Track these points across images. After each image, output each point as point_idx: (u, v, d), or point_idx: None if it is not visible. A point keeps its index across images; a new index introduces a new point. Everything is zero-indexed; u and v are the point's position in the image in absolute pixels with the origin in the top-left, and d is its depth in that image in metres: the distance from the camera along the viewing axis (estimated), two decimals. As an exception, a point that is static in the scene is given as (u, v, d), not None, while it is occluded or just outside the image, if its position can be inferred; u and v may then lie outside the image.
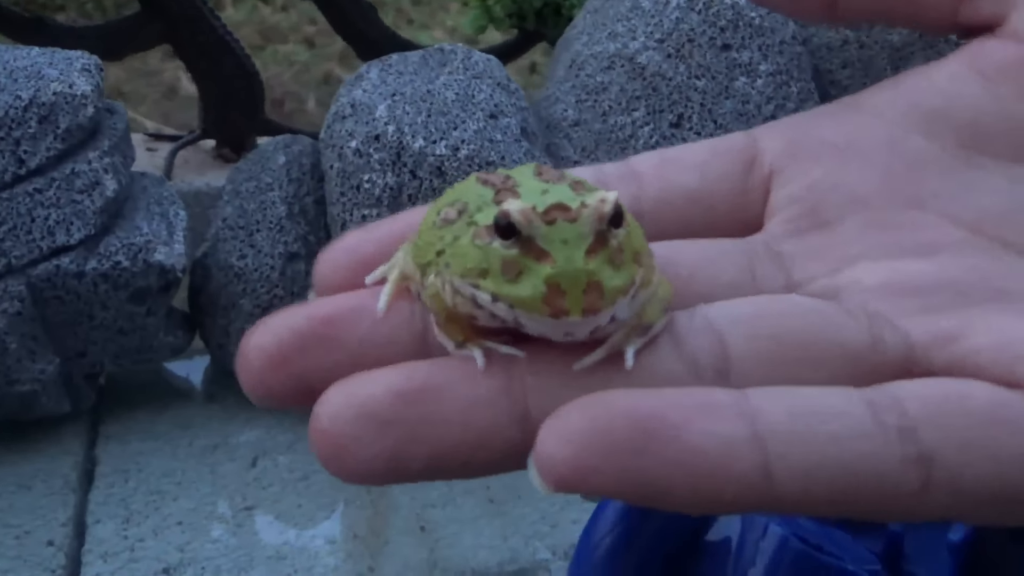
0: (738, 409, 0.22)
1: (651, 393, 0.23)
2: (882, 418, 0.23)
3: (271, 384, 0.25)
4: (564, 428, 0.22)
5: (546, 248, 0.24)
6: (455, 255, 0.25)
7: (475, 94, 1.26)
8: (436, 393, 0.24)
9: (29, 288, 1.20)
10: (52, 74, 1.24)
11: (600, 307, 0.23)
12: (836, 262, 0.28)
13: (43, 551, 1.15)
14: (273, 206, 1.31)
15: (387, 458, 0.23)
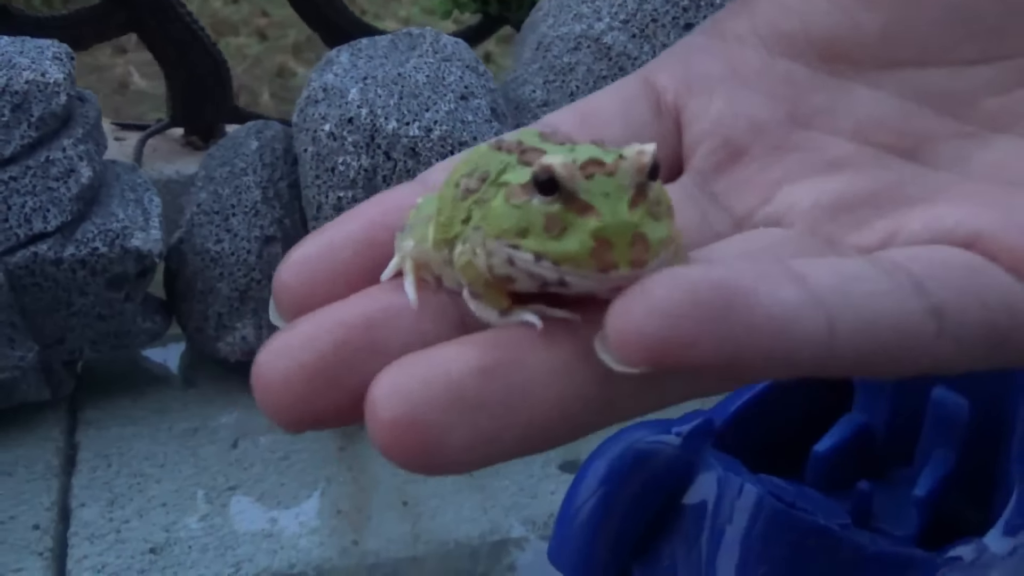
0: (790, 275, 0.23)
1: (714, 267, 0.23)
2: (896, 277, 0.24)
3: (316, 408, 0.23)
4: (647, 302, 0.21)
5: (589, 201, 0.23)
6: (488, 218, 0.24)
7: (445, 76, 1.28)
8: (518, 364, 0.22)
9: (7, 275, 1.21)
10: (24, 63, 1.24)
11: (647, 259, 0.23)
12: (765, 190, 0.29)
13: (29, 535, 1.16)
14: (248, 190, 1.32)
15: (482, 443, 0.21)
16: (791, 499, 0.90)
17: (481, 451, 0.21)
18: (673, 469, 0.94)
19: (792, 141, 0.30)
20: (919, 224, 0.26)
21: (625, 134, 0.30)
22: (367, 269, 0.25)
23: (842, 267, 0.24)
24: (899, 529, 0.99)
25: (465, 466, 0.22)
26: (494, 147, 0.26)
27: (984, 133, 0.29)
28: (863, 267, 0.24)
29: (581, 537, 0.94)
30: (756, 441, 1.01)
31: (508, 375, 0.22)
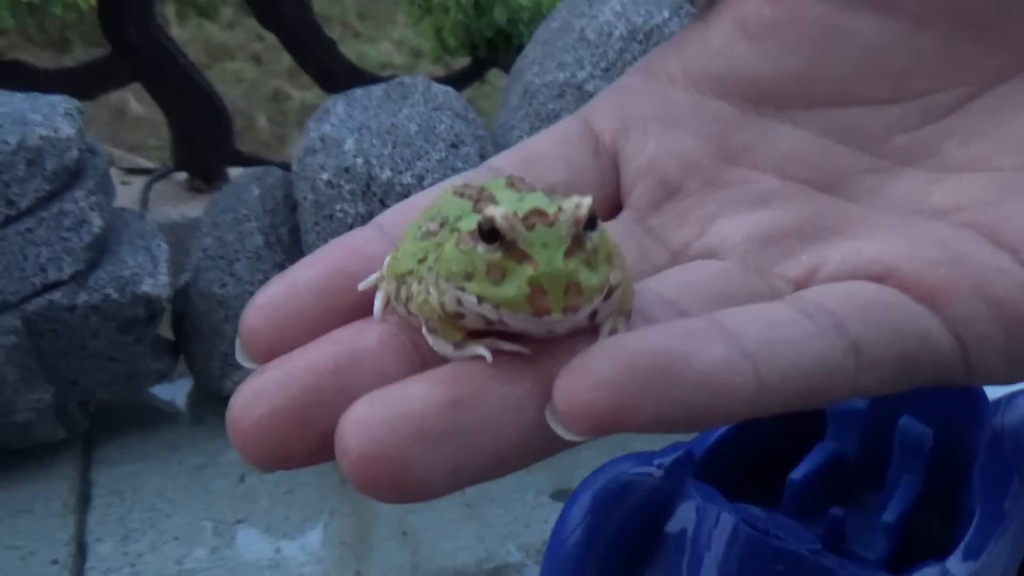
0: (719, 332, 0.24)
1: (647, 332, 0.24)
2: (817, 319, 0.25)
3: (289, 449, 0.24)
4: (590, 377, 0.22)
5: (527, 251, 0.24)
6: (441, 260, 0.25)
7: (436, 125, 1.35)
8: (478, 397, 0.23)
9: (24, 322, 1.27)
10: (36, 119, 1.31)
11: (579, 305, 0.24)
12: (699, 224, 0.30)
13: (48, 570, 1.21)
14: (251, 236, 1.38)
15: (449, 471, 0.23)
16: (765, 526, 0.96)
17: (447, 480, 0.23)
18: (655, 499, 0.99)
19: (722, 177, 0.31)
20: (839, 256, 0.28)
21: (568, 176, 0.31)
22: (329, 312, 0.26)
23: (768, 315, 0.25)
24: (871, 552, 1.05)
25: (431, 495, 0.23)
26: (457, 192, 0.27)
27: (894, 167, 0.31)
28: (787, 312, 0.25)
29: (569, 564, 1.00)
30: (734, 469, 1.06)
31: (470, 410, 0.23)
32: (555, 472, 1.36)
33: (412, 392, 0.23)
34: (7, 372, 1.26)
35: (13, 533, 1.27)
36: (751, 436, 1.10)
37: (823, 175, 0.31)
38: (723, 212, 0.30)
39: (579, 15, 1.49)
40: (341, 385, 0.24)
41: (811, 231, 0.29)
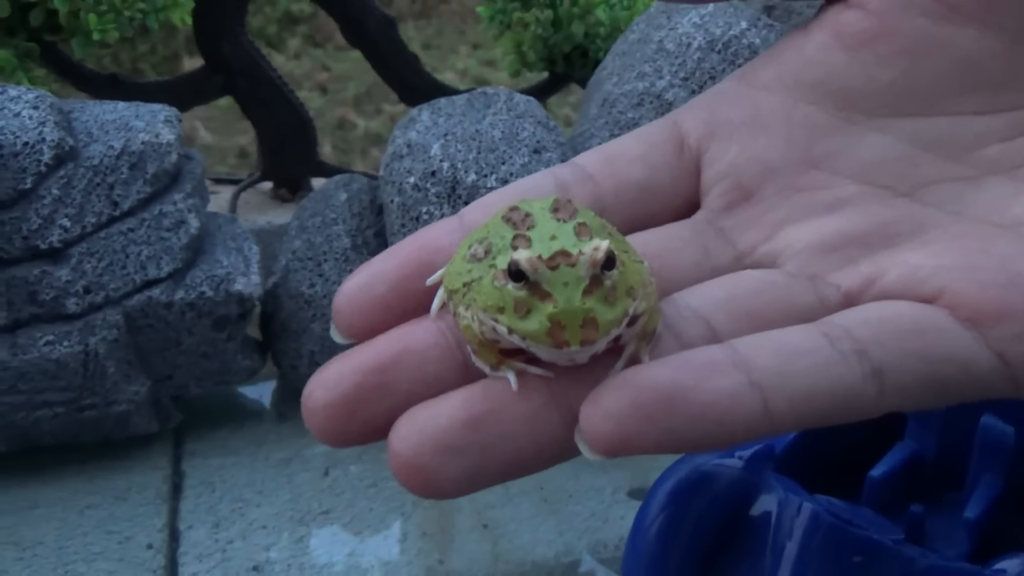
0: (733, 361, 0.26)
1: (661, 364, 0.26)
2: (839, 346, 0.26)
3: (344, 432, 0.28)
4: (602, 408, 0.25)
5: (549, 290, 0.27)
6: (480, 292, 0.28)
7: (519, 132, 1.38)
8: (496, 415, 0.27)
9: (125, 317, 1.32)
10: (139, 125, 1.37)
11: (595, 338, 0.27)
12: (768, 229, 0.31)
13: (143, 554, 1.26)
14: (338, 239, 1.43)
15: (466, 478, 0.26)
16: (847, 517, 0.97)
17: (466, 484, 0.26)
18: (735, 490, 1.01)
19: (800, 183, 0.32)
20: (896, 272, 0.29)
21: (644, 174, 0.33)
22: (402, 300, 0.29)
23: (788, 342, 0.27)
24: (950, 549, 1.05)
25: (455, 494, 0.26)
26: (504, 218, 0.30)
27: (980, 177, 0.31)
28: (808, 338, 0.27)
29: (652, 552, 1.01)
30: (814, 466, 1.08)
31: (486, 427, 0.26)
32: (632, 471, 1.38)
33: (442, 410, 0.27)
34: (108, 365, 1.32)
35: (111, 519, 1.32)
36: (831, 433, 1.11)
37: (906, 182, 0.31)
38: (794, 217, 0.31)
39: (658, 27, 1.52)
40: (383, 384, 0.27)
41: (878, 238, 0.30)
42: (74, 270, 1.30)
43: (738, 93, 0.34)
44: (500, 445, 0.27)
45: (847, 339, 0.27)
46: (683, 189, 0.33)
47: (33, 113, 1.32)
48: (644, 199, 0.33)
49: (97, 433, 1.38)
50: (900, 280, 0.28)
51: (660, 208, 0.33)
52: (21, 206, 1.29)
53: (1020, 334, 0.27)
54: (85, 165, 1.31)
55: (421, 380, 0.28)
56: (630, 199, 0.33)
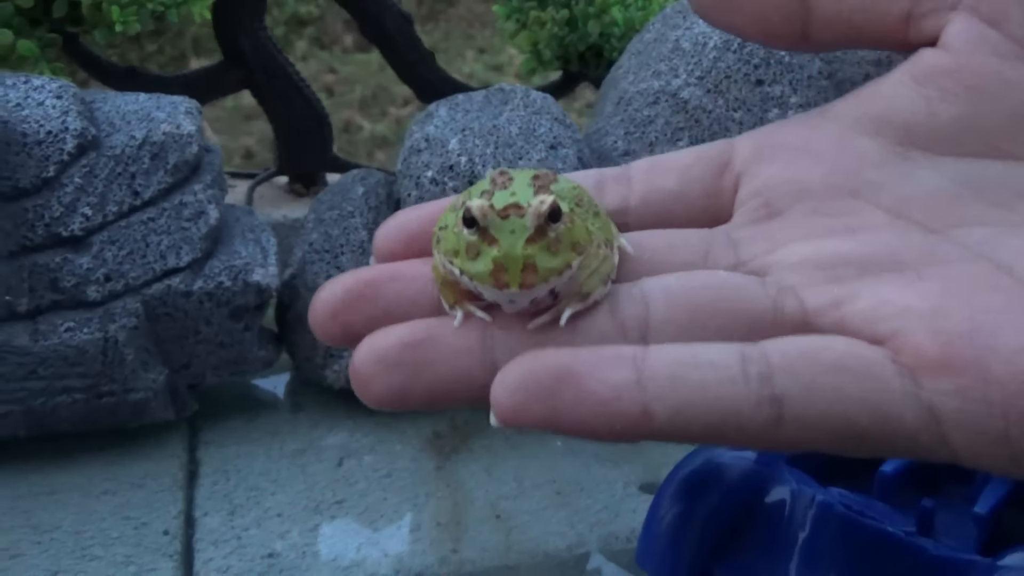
0: (634, 360, 0.27)
1: (573, 351, 0.28)
2: (747, 367, 0.27)
3: (328, 330, 0.31)
4: (506, 379, 0.27)
5: (496, 236, 0.29)
6: (445, 237, 0.31)
7: (536, 128, 1.40)
8: (430, 343, 0.29)
9: (144, 306, 1.34)
10: (161, 116, 1.39)
11: (534, 282, 0.29)
12: (775, 243, 0.31)
13: (160, 539, 1.28)
14: (355, 231, 1.45)
15: (395, 390, 0.29)
16: (859, 508, 0.98)
17: (394, 398, 0.29)
18: (748, 482, 1.02)
19: (829, 207, 0.32)
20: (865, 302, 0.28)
21: (677, 185, 0.34)
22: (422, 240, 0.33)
23: (695, 353, 0.27)
24: (960, 543, 1.07)
25: (387, 405, 0.29)
26: (491, 177, 0.33)
27: (1021, 225, 0.30)
28: (721, 355, 0.27)
29: (665, 541, 1.03)
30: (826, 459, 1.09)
31: (421, 350, 0.29)
32: (643, 466, 1.39)
33: (394, 331, 0.30)
34: (127, 352, 1.33)
35: (127, 505, 1.33)
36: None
37: (941, 220, 0.31)
38: (806, 236, 0.31)
39: (674, 27, 1.54)
40: (365, 295, 0.31)
41: (876, 266, 0.29)
42: (95, 258, 1.32)
43: (802, 121, 0.34)
44: (426, 369, 0.29)
45: (760, 362, 0.27)
46: (715, 205, 0.34)
47: (56, 103, 1.33)
48: (671, 207, 0.34)
49: (114, 420, 1.39)
50: (861, 312, 0.28)
51: (685, 219, 0.34)
52: (44, 194, 1.30)
53: (959, 390, 0.26)
54: (107, 155, 1.33)
55: (397, 301, 0.31)
56: (657, 205, 0.34)
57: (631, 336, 0.29)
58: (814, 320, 0.28)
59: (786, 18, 0.33)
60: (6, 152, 1.28)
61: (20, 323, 1.30)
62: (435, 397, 0.29)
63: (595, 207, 0.33)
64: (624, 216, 0.34)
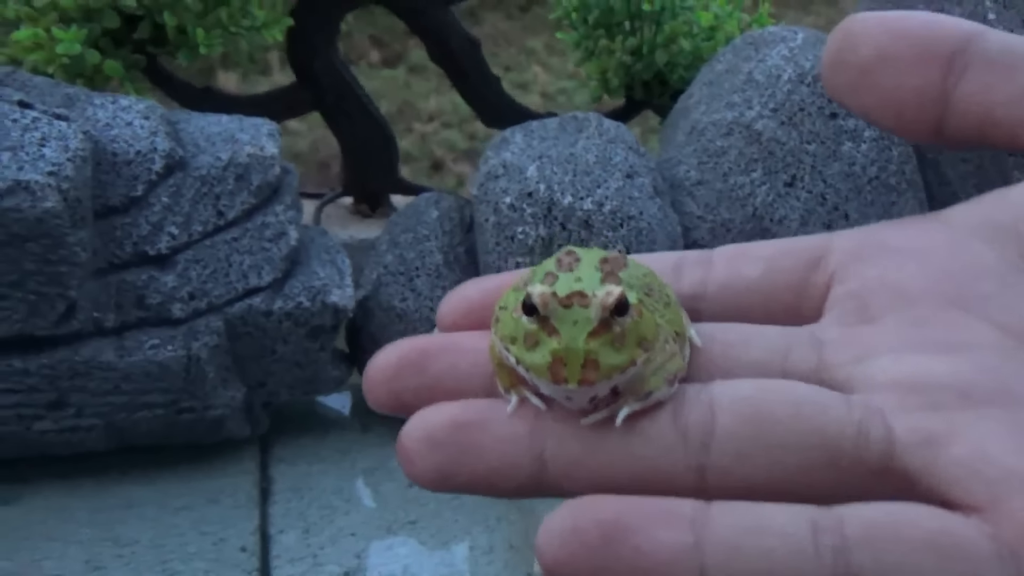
0: (692, 519, 0.25)
1: (628, 501, 0.25)
2: (820, 539, 0.24)
3: (378, 397, 0.30)
4: (553, 526, 0.25)
5: (558, 327, 0.27)
6: (503, 320, 0.29)
7: (612, 156, 1.42)
8: (480, 426, 0.28)
9: (226, 324, 1.36)
10: (244, 138, 1.41)
11: (593, 380, 0.27)
12: (866, 351, 0.28)
13: (238, 556, 1.30)
14: (431, 254, 1.47)
15: (440, 472, 0.28)
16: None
17: (437, 479, 0.28)
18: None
19: (933, 318, 0.29)
20: (961, 452, 0.25)
21: (762, 275, 0.32)
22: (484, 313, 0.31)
23: (761, 516, 0.25)
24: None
25: (429, 485, 0.28)
26: (557, 258, 0.31)
27: None
28: (790, 520, 0.25)
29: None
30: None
31: (470, 432, 0.28)
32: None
33: (445, 408, 0.28)
34: (208, 370, 1.36)
35: (204, 520, 1.35)
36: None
37: None
38: (903, 349, 0.28)
39: (746, 59, 1.55)
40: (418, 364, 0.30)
41: (979, 394, 0.26)
42: (180, 276, 1.34)
43: (912, 223, 0.32)
44: (473, 454, 0.28)
45: (835, 533, 0.24)
46: (800, 303, 0.32)
47: (144, 123, 1.36)
48: (751, 299, 0.32)
49: (190, 436, 1.42)
50: (957, 463, 0.25)
51: (765, 314, 0.32)
52: (132, 212, 1.33)
53: None
54: (193, 175, 1.36)
55: (449, 373, 0.30)
56: (737, 295, 0.32)
57: (692, 446, 0.27)
58: (901, 458, 0.26)
59: (922, 105, 0.30)
60: (97, 171, 1.31)
61: (107, 339, 1.32)
62: (479, 484, 0.28)
63: (667, 296, 0.31)
64: (699, 303, 0.32)
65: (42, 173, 1.21)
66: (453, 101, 3.02)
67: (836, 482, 0.26)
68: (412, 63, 3.24)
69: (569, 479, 0.28)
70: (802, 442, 0.26)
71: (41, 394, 1.31)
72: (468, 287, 0.32)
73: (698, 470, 0.27)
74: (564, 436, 0.28)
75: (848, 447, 0.26)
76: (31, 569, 1.26)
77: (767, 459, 0.26)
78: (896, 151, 1.48)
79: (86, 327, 1.30)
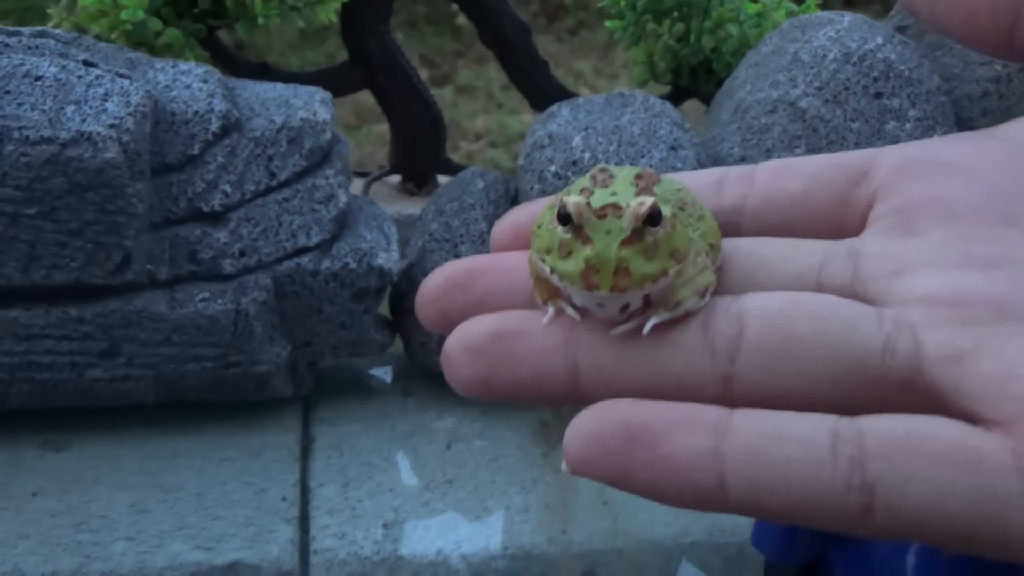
0: (715, 426, 0.25)
1: (653, 405, 0.26)
2: (839, 448, 0.24)
3: (428, 316, 0.31)
4: (578, 427, 0.27)
5: (591, 236, 0.28)
6: (540, 234, 0.30)
7: (657, 130, 1.44)
8: (517, 336, 0.29)
9: (274, 282, 1.40)
10: (298, 103, 1.45)
11: (625, 287, 0.27)
12: (903, 264, 0.28)
13: (279, 505, 1.33)
14: (475, 222, 1.50)
15: (480, 379, 0.29)
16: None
17: (477, 386, 0.29)
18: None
19: (978, 234, 0.28)
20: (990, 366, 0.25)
21: (803, 189, 0.32)
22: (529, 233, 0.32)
23: (782, 425, 0.25)
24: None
25: (471, 392, 0.29)
26: (592, 174, 0.32)
27: None
28: (810, 429, 0.25)
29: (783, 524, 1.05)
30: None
31: (507, 342, 0.29)
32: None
33: (485, 320, 0.30)
34: (256, 325, 1.39)
35: (246, 472, 1.39)
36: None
37: None
38: (940, 263, 0.28)
39: (792, 40, 1.57)
40: (463, 283, 0.31)
41: (1018, 310, 0.26)
42: (232, 233, 1.38)
43: (965, 138, 0.31)
44: (509, 363, 0.29)
45: (854, 443, 0.25)
46: (842, 217, 0.31)
47: (203, 86, 1.41)
48: (792, 214, 0.32)
49: (236, 392, 1.45)
50: (985, 379, 0.25)
51: (805, 228, 0.31)
52: (188, 170, 1.37)
53: None
54: (248, 136, 1.40)
55: (494, 291, 0.31)
56: (777, 209, 0.32)
57: (719, 357, 0.27)
58: (928, 373, 0.26)
59: (996, 10, 0.30)
60: (155, 129, 1.35)
61: (159, 291, 1.36)
62: (516, 391, 0.29)
63: (701, 211, 0.31)
64: (740, 216, 0.32)
65: (104, 125, 1.26)
66: (500, 121, 3.05)
67: (862, 395, 0.26)
68: (460, 83, 3.29)
69: (602, 387, 0.28)
70: (828, 355, 0.26)
71: (94, 342, 1.36)
72: (517, 211, 0.34)
73: (724, 380, 0.27)
74: (597, 345, 0.28)
75: (874, 361, 0.26)
76: (79, 510, 1.30)
77: (793, 371, 0.26)
78: (940, 131, 1.48)
79: (140, 278, 1.34)
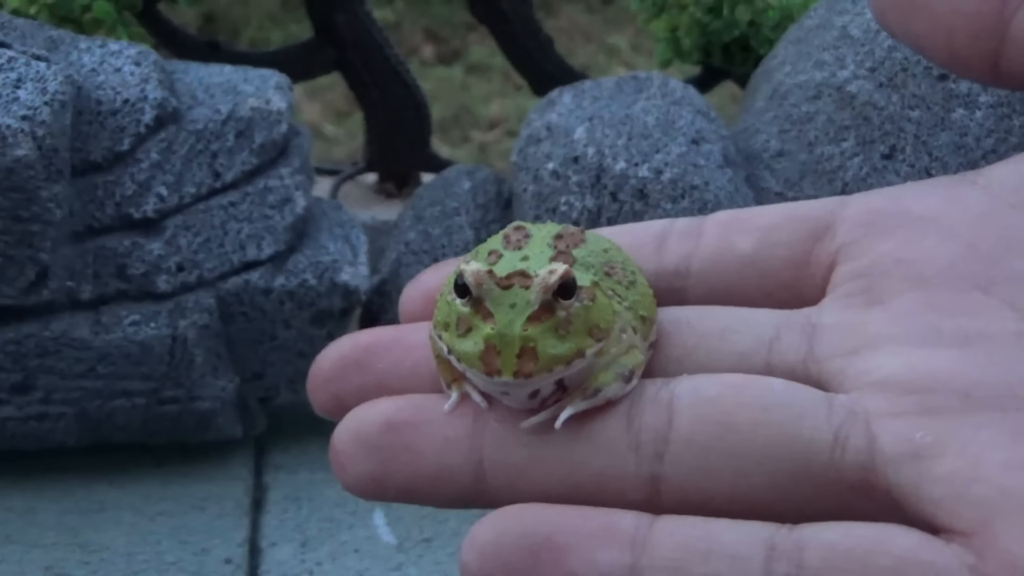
0: (632, 539, 0.26)
1: (560, 511, 0.27)
2: (774, 565, 0.25)
3: (319, 399, 0.32)
4: (477, 537, 0.27)
5: (493, 310, 0.28)
6: (439, 304, 0.30)
7: (676, 120, 1.43)
8: (415, 426, 0.29)
9: (218, 302, 1.40)
10: (248, 90, 1.46)
11: (531, 371, 0.27)
12: (863, 341, 0.29)
13: (222, 568, 1.32)
14: (460, 230, 1.49)
15: (370, 479, 0.29)
16: None
17: (369, 486, 0.29)
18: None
19: (949, 302, 0.29)
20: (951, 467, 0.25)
21: (755, 250, 0.32)
22: None
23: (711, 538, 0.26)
24: None
25: (360, 492, 0.30)
26: (506, 235, 0.32)
27: None
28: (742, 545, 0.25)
29: None
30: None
31: (403, 435, 0.29)
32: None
33: (379, 407, 0.30)
34: (196, 354, 1.39)
35: (185, 529, 1.39)
36: None
37: None
38: (905, 339, 0.28)
39: (840, 12, 1.56)
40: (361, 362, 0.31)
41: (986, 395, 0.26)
42: (168, 244, 1.38)
43: (944, 184, 0.32)
44: (406, 459, 0.29)
45: (791, 560, 0.25)
46: (800, 281, 0.32)
47: (135, 69, 1.41)
48: (741, 276, 0.32)
49: (174, 433, 1.45)
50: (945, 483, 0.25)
51: (759, 294, 0.32)
52: (116, 170, 1.38)
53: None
54: (188, 129, 1.40)
55: (393, 371, 0.31)
56: (726, 272, 0.32)
57: (644, 454, 0.27)
58: (883, 473, 0.26)
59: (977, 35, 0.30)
60: (78, 121, 1.36)
61: (81, 313, 1.37)
62: (414, 493, 0.29)
63: (632, 276, 0.31)
64: (683, 280, 0.32)
65: (15, 117, 1.26)
66: (518, 105, 3.04)
67: (808, 498, 0.26)
68: (471, 61, 3.23)
69: (510, 488, 0.28)
70: (769, 452, 0.26)
71: (5, 374, 1.36)
72: (428, 274, 0.34)
73: (651, 481, 0.27)
74: (505, 439, 0.29)
75: (822, 459, 0.26)
76: (-15, 574, 1.30)
77: (729, 470, 0.27)
78: (1017, 120, 1.47)
79: (58, 298, 1.35)
